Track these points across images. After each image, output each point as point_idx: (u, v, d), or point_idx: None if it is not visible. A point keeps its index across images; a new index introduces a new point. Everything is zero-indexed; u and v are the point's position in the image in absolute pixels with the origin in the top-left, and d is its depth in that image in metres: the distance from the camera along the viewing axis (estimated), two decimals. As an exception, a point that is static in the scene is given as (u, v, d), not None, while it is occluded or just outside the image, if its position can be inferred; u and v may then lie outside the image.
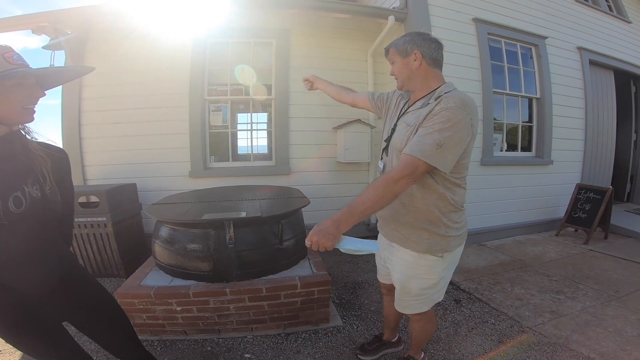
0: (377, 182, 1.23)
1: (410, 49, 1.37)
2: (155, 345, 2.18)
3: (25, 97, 0.93)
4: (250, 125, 4.52)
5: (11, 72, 0.88)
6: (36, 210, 0.99)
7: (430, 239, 1.40)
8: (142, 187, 3.92)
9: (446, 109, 1.21)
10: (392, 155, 1.44)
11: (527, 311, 2.61)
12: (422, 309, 1.57)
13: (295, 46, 4.25)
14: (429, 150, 1.18)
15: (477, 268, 3.47)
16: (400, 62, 1.41)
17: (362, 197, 1.22)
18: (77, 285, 1.21)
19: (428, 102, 1.32)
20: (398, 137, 1.39)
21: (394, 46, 1.43)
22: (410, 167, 1.20)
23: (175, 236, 2.36)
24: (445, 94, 1.28)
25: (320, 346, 2.19)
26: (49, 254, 1.08)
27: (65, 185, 1.22)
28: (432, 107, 1.27)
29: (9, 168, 0.97)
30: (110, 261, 3.26)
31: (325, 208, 4.24)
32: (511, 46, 4.56)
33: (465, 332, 2.35)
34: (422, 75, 1.40)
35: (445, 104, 1.23)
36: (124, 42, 3.82)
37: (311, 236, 1.18)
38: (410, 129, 1.32)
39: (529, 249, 4.08)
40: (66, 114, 3.89)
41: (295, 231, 2.59)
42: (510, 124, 4.71)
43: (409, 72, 1.40)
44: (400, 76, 1.44)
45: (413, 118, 1.35)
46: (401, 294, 1.57)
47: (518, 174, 4.53)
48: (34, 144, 1.08)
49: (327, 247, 1.18)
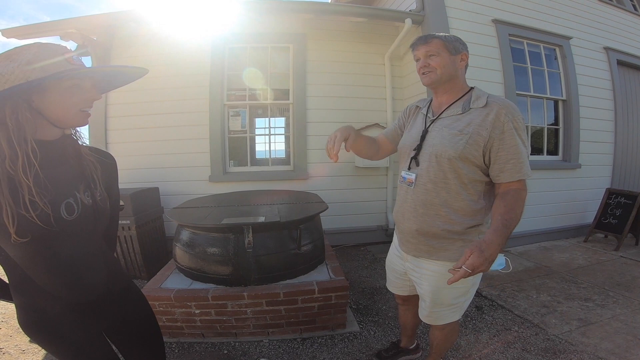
0: (515, 198, 1.24)
1: (461, 49, 1.36)
2: (173, 348, 2.21)
3: (82, 100, 0.90)
4: (268, 130, 4.57)
5: (72, 72, 0.85)
6: (87, 217, 0.96)
7: (464, 246, 1.35)
8: (164, 191, 4.02)
9: (512, 120, 1.24)
10: (430, 164, 1.36)
11: (554, 319, 2.51)
12: (454, 318, 1.52)
13: (312, 50, 4.27)
14: (528, 167, 1.28)
15: (500, 274, 3.36)
16: (448, 57, 1.35)
17: (510, 213, 1.20)
18: (126, 301, 1.16)
19: (470, 107, 1.32)
20: (445, 143, 1.32)
21: (444, 38, 1.35)
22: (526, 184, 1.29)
23: (196, 240, 2.41)
24: (489, 99, 1.30)
25: (336, 352, 2.17)
26: (97, 262, 1.05)
27: (113, 192, 1.18)
28: (487, 115, 1.27)
29: (61, 173, 0.94)
30: (133, 263, 3.35)
31: (343, 213, 4.23)
32: (534, 47, 4.43)
33: (486, 340, 2.28)
34: (461, 78, 1.40)
35: (506, 113, 1.25)
36: (146, 48, 3.97)
37: (478, 267, 1.08)
38: (464, 137, 1.29)
39: (556, 255, 3.93)
40: (93, 120, 4.04)
41: (313, 236, 2.59)
42: (535, 127, 4.57)
43: (453, 70, 1.37)
44: (445, 71, 1.35)
45: (461, 124, 1.32)
46: (433, 306, 1.49)
47: (544, 179, 4.38)
48: (85, 148, 1.05)
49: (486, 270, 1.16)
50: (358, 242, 4.41)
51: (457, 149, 1.28)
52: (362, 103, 4.37)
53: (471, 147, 1.27)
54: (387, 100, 4.40)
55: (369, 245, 4.32)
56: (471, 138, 1.27)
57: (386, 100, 4.41)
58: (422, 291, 1.53)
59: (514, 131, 1.23)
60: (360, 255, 4.06)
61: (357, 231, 4.42)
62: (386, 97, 4.40)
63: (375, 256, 3.96)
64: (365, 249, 4.28)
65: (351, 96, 4.34)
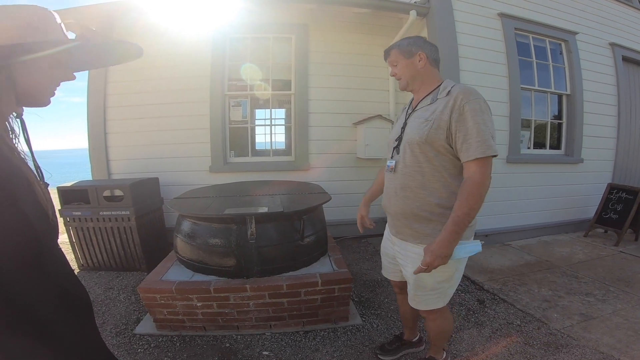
0: (469, 190, 1.29)
1: (415, 50, 1.47)
2: (174, 341, 2.19)
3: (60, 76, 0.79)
4: (270, 120, 4.52)
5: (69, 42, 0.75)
6: None
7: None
8: (164, 181, 3.99)
9: (468, 102, 1.31)
10: (405, 151, 1.49)
11: (555, 313, 2.52)
12: (438, 304, 1.55)
13: (315, 41, 4.21)
14: (490, 144, 1.29)
15: (501, 268, 3.37)
16: (404, 62, 1.49)
17: (462, 208, 1.28)
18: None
19: (437, 97, 1.42)
20: (413, 131, 1.45)
21: (397, 47, 1.51)
22: (489, 167, 1.31)
23: (197, 231, 2.38)
24: (452, 87, 1.39)
25: (339, 345, 2.16)
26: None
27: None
28: (448, 101, 1.36)
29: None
30: (133, 255, 3.32)
31: (344, 204, 4.21)
32: (540, 42, 4.39)
33: (489, 334, 2.28)
34: (427, 75, 1.50)
35: (463, 97, 1.32)
36: (146, 38, 3.88)
37: (430, 262, 1.31)
38: (428, 123, 1.40)
39: (556, 249, 3.93)
40: (92, 110, 3.99)
41: (316, 227, 2.57)
42: (539, 121, 4.54)
43: (414, 71, 1.49)
44: (405, 76, 1.52)
45: (427, 113, 1.43)
46: (415, 289, 1.55)
47: (545, 173, 4.38)
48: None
49: (444, 264, 1.33)
50: (359, 234, 4.39)
51: (423, 135, 1.40)
52: (365, 94, 4.32)
53: (435, 132, 1.37)
54: (390, 91, 4.36)
55: (369, 238, 4.31)
56: (434, 123, 1.38)
57: (389, 92, 4.37)
58: (406, 274, 1.59)
59: (470, 112, 1.30)
60: (361, 248, 4.05)
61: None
62: (389, 88, 4.36)
63: (376, 248, 3.95)
64: (366, 241, 4.27)
65: (354, 87, 4.29)
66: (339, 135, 4.30)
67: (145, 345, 2.15)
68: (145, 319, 2.42)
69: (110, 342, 2.19)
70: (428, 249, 1.33)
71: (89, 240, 3.29)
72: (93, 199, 3.18)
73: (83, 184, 3.29)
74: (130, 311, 2.60)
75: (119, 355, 2.06)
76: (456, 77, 3.62)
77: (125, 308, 2.65)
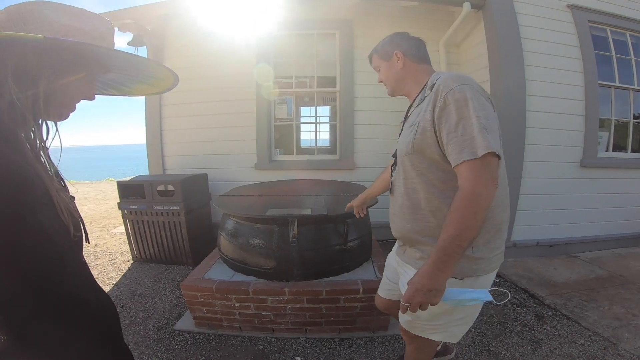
0: (457, 204, 0.99)
1: (391, 51, 1.31)
2: (210, 339, 2.23)
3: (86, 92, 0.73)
4: (315, 118, 4.48)
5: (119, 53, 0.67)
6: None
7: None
8: (212, 177, 4.12)
9: (450, 91, 1.03)
10: (398, 167, 1.27)
11: (627, 332, 2.23)
12: (433, 337, 1.32)
13: (360, 37, 4.06)
14: (480, 142, 0.96)
15: (566, 282, 3.04)
16: (385, 66, 1.34)
17: (449, 229, 0.98)
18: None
19: (424, 96, 1.17)
20: (401, 142, 1.23)
21: (375, 51, 1.37)
22: (485, 170, 0.97)
23: (240, 230, 2.40)
24: (438, 79, 1.12)
25: (375, 355, 2.07)
26: None
27: None
28: (432, 97, 1.09)
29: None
30: (181, 249, 3.46)
31: (388, 206, 4.04)
32: (619, 35, 3.87)
33: (546, 353, 2.07)
34: (411, 75, 1.30)
35: (444, 87, 1.05)
36: (195, 37, 4.01)
37: (410, 298, 1.02)
38: (413, 127, 1.15)
39: (632, 263, 3.46)
40: (149, 108, 4.23)
41: (361, 232, 2.47)
42: (619, 121, 4.00)
43: (395, 74, 1.32)
44: (388, 80, 1.35)
45: (414, 116, 1.19)
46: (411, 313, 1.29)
47: (625, 178, 3.86)
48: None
49: (434, 304, 1.02)
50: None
51: (408, 144, 1.16)
52: (415, 91, 4.10)
53: (421, 137, 1.11)
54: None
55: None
56: (419, 127, 1.12)
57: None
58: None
59: (454, 104, 1.02)
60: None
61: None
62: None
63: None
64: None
65: (402, 84, 4.07)
66: (386, 134, 4.12)
67: (183, 342, 2.22)
68: (185, 315, 2.50)
69: (152, 337, 2.29)
70: (411, 280, 1.04)
71: (143, 233, 3.49)
72: (148, 193, 3.36)
73: (139, 179, 3.50)
74: (173, 306, 2.70)
75: (158, 351, 2.14)
76: (520, 73, 3.29)
77: (169, 302, 2.76)
